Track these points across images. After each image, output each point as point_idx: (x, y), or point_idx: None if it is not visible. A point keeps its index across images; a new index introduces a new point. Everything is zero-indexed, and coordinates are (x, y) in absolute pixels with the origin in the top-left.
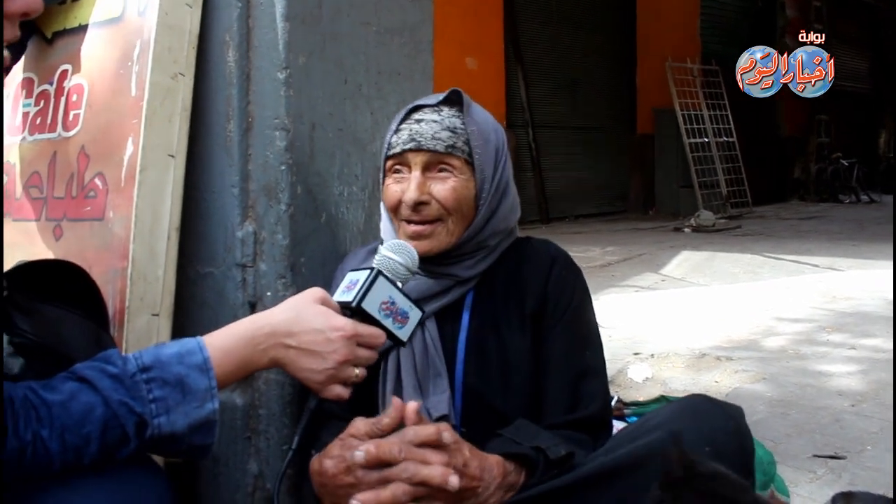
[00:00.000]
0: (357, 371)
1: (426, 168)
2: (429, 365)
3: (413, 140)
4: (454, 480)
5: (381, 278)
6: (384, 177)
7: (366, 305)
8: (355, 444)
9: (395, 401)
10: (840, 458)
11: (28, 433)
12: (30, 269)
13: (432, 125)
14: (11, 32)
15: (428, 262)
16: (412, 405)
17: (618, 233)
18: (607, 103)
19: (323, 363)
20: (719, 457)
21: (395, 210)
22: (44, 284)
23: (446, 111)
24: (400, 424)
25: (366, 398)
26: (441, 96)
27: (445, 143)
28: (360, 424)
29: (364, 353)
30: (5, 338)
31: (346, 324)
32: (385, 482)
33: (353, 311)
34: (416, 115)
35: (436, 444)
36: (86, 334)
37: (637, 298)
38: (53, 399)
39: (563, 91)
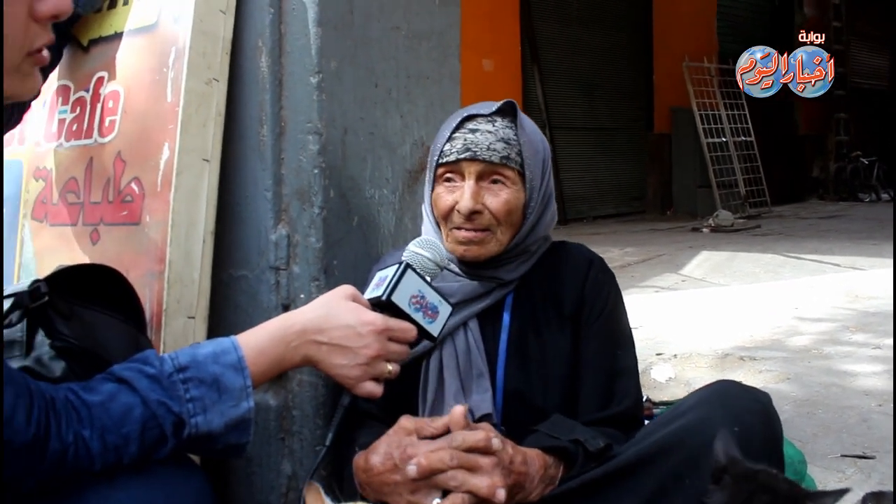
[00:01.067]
0: (390, 367)
1: (479, 177)
2: (471, 365)
3: (468, 150)
4: (501, 494)
5: (409, 272)
6: (434, 183)
7: (395, 299)
8: (404, 441)
9: (456, 410)
10: (869, 457)
11: (70, 434)
12: (68, 274)
13: (487, 136)
14: (47, 36)
15: (471, 266)
16: (459, 409)
17: (636, 233)
18: (624, 103)
19: (354, 358)
20: (747, 437)
21: (445, 217)
22: (82, 289)
23: (500, 122)
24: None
25: (406, 399)
26: (494, 106)
27: (500, 154)
28: (405, 422)
29: (396, 348)
30: (47, 342)
31: (377, 318)
32: (433, 485)
33: (383, 306)
34: (471, 125)
35: (484, 450)
36: (124, 337)
37: (658, 299)
38: (93, 400)
39: (580, 91)
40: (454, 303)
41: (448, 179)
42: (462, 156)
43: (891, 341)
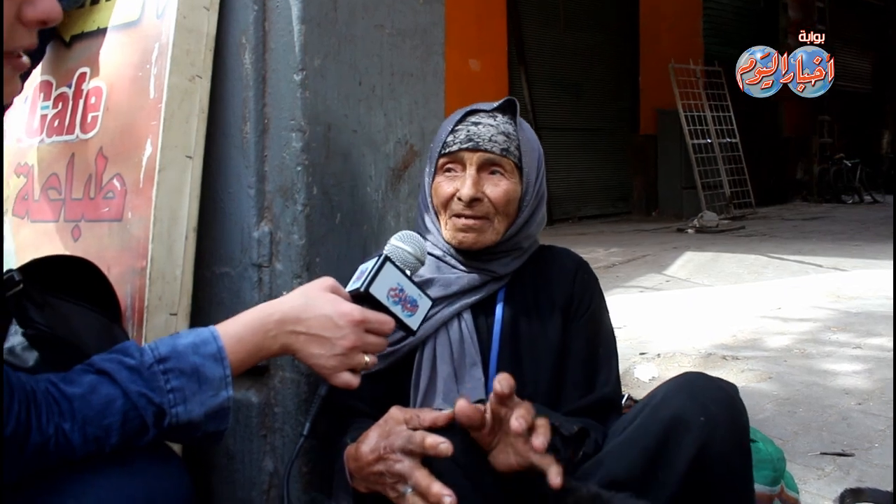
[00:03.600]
0: (367, 359)
1: (480, 167)
2: (465, 353)
3: (471, 140)
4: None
5: (388, 265)
6: (434, 174)
7: (373, 290)
8: (396, 429)
9: (460, 402)
10: (848, 455)
11: (50, 426)
12: (43, 265)
13: (489, 128)
14: (29, 40)
15: (468, 258)
16: (462, 401)
17: (621, 234)
18: (610, 104)
19: (332, 349)
20: (712, 426)
21: (445, 205)
22: (56, 280)
23: (500, 117)
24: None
25: (398, 397)
26: (496, 103)
27: (501, 146)
28: (396, 412)
29: (373, 340)
30: (20, 330)
31: (354, 309)
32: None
33: (362, 298)
34: (474, 118)
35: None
36: (97, 328)
37: (642, 299)
38: (74, 392)
39: (566, 92)
40: (450, 293)
41: (449, 169)
42: (465, 145)
43: (871, 341)
